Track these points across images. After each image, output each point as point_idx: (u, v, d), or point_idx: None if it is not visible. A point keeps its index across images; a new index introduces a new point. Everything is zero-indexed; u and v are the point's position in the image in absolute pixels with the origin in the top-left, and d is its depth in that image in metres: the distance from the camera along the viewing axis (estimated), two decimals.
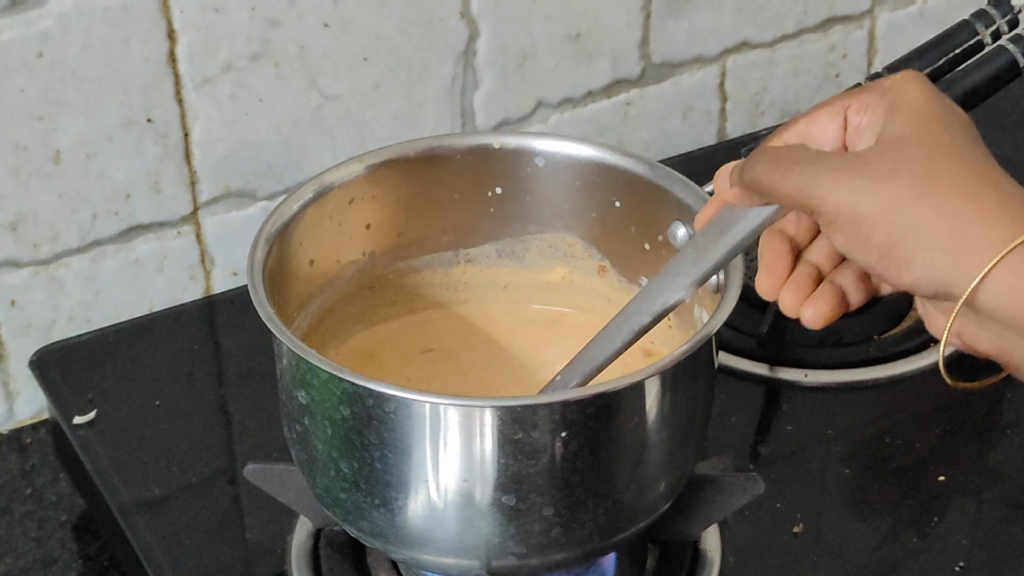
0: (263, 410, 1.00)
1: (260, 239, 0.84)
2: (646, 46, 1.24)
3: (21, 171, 1.04)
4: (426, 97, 1.16)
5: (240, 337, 1.08)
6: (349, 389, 0.77)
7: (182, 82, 1.07)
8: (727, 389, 1.03)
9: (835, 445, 1.00)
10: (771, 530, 0.93)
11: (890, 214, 0.68)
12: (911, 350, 1.07)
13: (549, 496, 0.78)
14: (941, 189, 0.68)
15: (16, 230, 1.05)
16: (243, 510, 0.96)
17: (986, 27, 1.04)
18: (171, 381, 1.05)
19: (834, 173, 0.70)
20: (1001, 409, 1.04)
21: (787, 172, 0.71)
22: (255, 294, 0.80)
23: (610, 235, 0.93)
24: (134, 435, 1.01)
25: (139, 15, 1.03)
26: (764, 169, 0.73)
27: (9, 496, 1.03)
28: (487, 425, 0.76)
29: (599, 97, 1.24)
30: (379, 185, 0.91)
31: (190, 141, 1.09)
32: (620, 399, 0.78)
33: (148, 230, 1.10)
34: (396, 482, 0.79)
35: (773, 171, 0.72)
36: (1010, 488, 0.96)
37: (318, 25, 1.09)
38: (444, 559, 0.82)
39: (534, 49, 1.19)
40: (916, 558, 0.92)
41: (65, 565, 0.99)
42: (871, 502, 0.96)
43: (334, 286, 0.92)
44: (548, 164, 0.92)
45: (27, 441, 1.09)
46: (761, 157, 0.73)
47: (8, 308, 1.08)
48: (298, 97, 1.11)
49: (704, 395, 0.83)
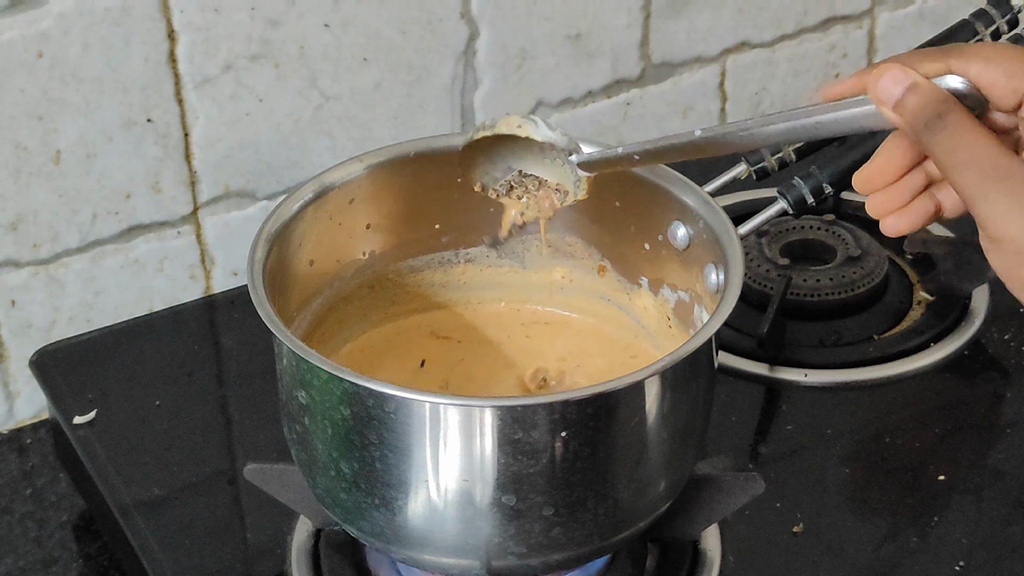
0: (263, 410, 1.00)
1: (260, 239, 0.84)
2: (646, 46, 1.24)
3: (21, 171, 1.04)
4: (426, 97, 1.16)
5: (240, 337, 1.08)
6: (349, 389, 0.77)
7: (182, 82, 1.07)
8: (727, 389, 1.03)
9: (835, 445, 1.00)
10: (771, 530, 0.93)
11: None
12: (911, 350, 1.07)
13: (549, 496, 0.78)
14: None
15: (16, 230, 1.05)
16: (243, 510, 0.96)
17: (986, 27, 1.04)
18: (171, 381, 1.05)
19: (1004, 193, 0.67)
20: (1001, 409, 1.04)
21: (967, 168, 0.68)
22: (255, 294, 0.80)
23: (610, 235, 0.93)
24: (134, 435, 1.01)
25: (139, 15, 1.03)
26: (948, 146, 0.69)
27: (9, 496, 1.03)
28: (487, 425, 0.76)
29: (599, 97, 1.24)
30: (379, 185, 0.91)
31: (190, 141, 1.09)
32: (620, 399, 0.78)
33: (148, 230, 1.10)
34: (396, 482, 0.79)
35: (955, 153, 0.69)
36: (1010, 488, 0.96)
37: (318, 25, 1.09)
38: (444, 559, 0.82)
39: (534, 49, 1.19)
40: (916, 558, 0.92)
41: (65, 565, 0.99)
42: (871, 502, 0.96)
43: (334, 286, 0.92)
44: None
45: (27, 441, 1.09)
46: (953, 130, 0.69)
47: (8, 308, 1.08)
48: (298, 97, 1.11)
49: (704, 395, 0.83)
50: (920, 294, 1.12)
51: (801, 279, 1.10)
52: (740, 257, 0.83)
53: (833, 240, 1.13)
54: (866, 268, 1.11)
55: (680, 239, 0.89)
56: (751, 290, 1.10)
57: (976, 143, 0.69)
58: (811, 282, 1.10)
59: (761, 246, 1.12)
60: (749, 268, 1.11)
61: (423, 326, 0.95)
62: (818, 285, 1.10)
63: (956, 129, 0.69)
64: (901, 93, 0.70)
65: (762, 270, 1.11)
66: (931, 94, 0.70)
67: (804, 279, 1.10)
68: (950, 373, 1.06)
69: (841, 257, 1.12)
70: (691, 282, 0.89)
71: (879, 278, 1.11)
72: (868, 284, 1.10)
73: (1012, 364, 1.06)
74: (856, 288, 1.10)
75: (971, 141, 0.69)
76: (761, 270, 1.11)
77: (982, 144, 0.69)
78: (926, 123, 0.70)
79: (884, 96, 0.70)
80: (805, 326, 1.09)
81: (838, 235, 1.13)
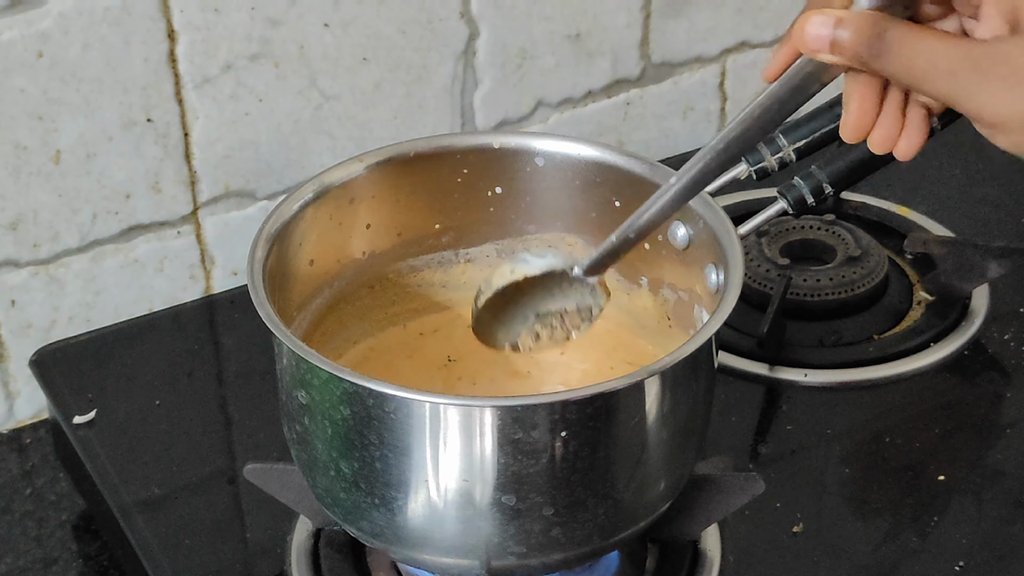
0: (263, 410, 1.00)
1: (260, 239, 0.84)
2: (646, 46, 1.24)
3: (21, 171, 1.04)
4: (426, 97, 1.16)
5: (240, 337, 1.08)
6: (349, 389, 0.77)
7: (182, 82, 1.07)
8: (727, 389, 1.03)
9: (835, 445, 1.00)
10: (771, 530, 0.93)
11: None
12: (911, 350, 1.07)
13: (549, 496, 0.78)
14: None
15: (16, 230, 1.05)
16: (243, 510, 0.96)
17: None
18: (171, 381, 1.05)
19: (986, 80, 0.65)
20: (1001, 409, 1.04)
21: (932, 74, 0.66)
22: (255, 294, 0.80)
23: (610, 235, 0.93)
24: (134, 435, 1.01)
25: (139, 15, 1.03)
26: (901, 62, 0.67)
27: (9, 496, 1.03)
28: (487, 425, 0.76)
29: (599, 97, 1.24)
30: (379, 185, 0.91)
31: (190, 141, 1.09)
32: (620, 399, 0.78)
33: (148, 230, 1.10)
34: (396, 482, 0.79)
35: (913, 66, 0.67)
36: (1010, 488, 0.96)
37: (318, 25, 1.09)
38: (444, 559, 0.82)
39: (534, 49, 1.19)
40: (916, 558, 0.92)
41: (65, 565, 0.99)
42: (871, 502, 0.96)
43: (334, 286, 0.92)
44: (548, 164, 0.92)
45: (27, 441, 1.09)
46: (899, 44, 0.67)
47: (8, 308, 1.08)
48: (298, 97, 1.11)
49: (704, 395, 0.83)
50: (920, 294, 1.12)
51: (801, 279, 1.10)
52: (740, 257, 0.83)
53: (833, 240, 1.13)
54: (866, 268, 1.11)
55: (680, 239, 0.89)
56: (751, 290, 1.10)
57: (927, 46, 0.67)
58: (811, 282, 1.10)
59: (761, 246, 1.12)
60: (749, 268, 1.11)
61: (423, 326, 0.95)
62: (818, 285, 1.10)
63: (900, 42, 0.67)
64: (831, 33, 0.68)
65: (762, 270, 1.11)
66: (860, 20, 0.67)
67: (804, 279, 1.10)
68: (950, 373, 1.06)
69: (841, 257, 1.12)
70: (691, 282, 0.89)
71: (879, 278, 1.11)
72: (868, 284, 1.10)
73: (1012, 364, 1.06)
74: (856, 288, 1.10)
75: (921, 47, 0.67)
76: (761, 270, 1.11)
77: (933, 44, 0.67)
78: (869, 50, 0.67)
79: (817, 44, 0.68)
80: (805, 326, 1.09)
81: (838, 235, 1.13)
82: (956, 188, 1.23)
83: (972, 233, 1.16)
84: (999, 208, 1.21)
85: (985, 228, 1.18)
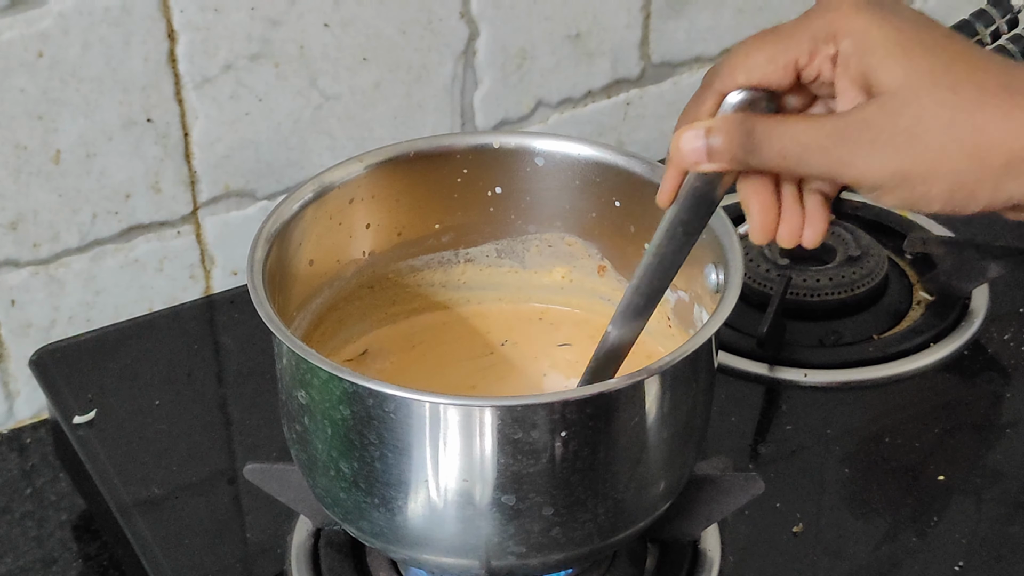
0: (263, 410, 1.00)
1: (260, 239, 0.84)
2: (646, 46, 1.24)
3: (21, 171, 1.04)
4: (426, 97, 1.16)
5: (240, 337, 1.08)
6: (349, 389, 0.77)
7: (182, 82, 1.07)
8: (727, 389, 1.03)
9: (835, 445, 1.00)
10: (771, 530, 0.93)
11: (943, 162, 0.66)
12: (911, 350, 1.07)
13: (549, 496, 0.78)
14: (983, 117, 0.66)
15: (16, 230, 1.05)
16: (243, 510, 0.96)
17: (986, 27, 1.04)
18: (171, 381, 1.05)
19: (856, 147, 0.67)
20: (1001, 409, 1.04)
21: (805, 157, 0.69)
22: (255, 294, 0.80)
23: (610, 235, 0.93)
24: (134, 435, 1.01)
25: (139, 15, 1.03)
26: (774, 153, 0.69)
27: (9, 496, 1.03)
28: (487, 425, 0.76)
29: (599, 97, 1.24)
30: (379, 185, 0.91)
31: (190, 141, 1.09)
32: (620, 399, 0.78)
33: (148, 230, 1.10)
34: (396, 482, 0.79)
35: (786, 154, 0.69)
36: (1010, 488, 0.96)
37: (318, 25, 1.09)
38: (444, 559, 0.82)
39: (534, 49, 1.19)
40: (916, 558, 0.92)
41: (65, 565, 0.99)
42: (871, 502, 0.96)
43: (334, 286, 0.92)
44: (548, 164, 0.92)
45: (27, 441, 1.09)
46: (768, 137, 0.69)
47: (8, 308, 1.08)
48: (298, 97, 1.11)
49: (704, 395, 0.83)
50: (920, 294, 1.12)
51: (801, 279, 1.10)
52: (740, 257, 0.83)
53: (833, 240, 1.13)
54: (866, 268, 1.11)
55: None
56: (751, 290, 1.10)
57: (794, 131, 0.69)
58: (811, 282, 1.10)
59: (761, 246, 1.12)
60: (749, 268, 1.11)
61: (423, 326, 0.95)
62: (818, 285, 1.10)
63: (769, 134, 0.70)
64: (704, 143, 0.71)
65: (762, 270, 1.11)
66: (727, 123, 0.70)
67: (804, 279, 1.10)
68: (950, 373, 1.06)
69: (841, 257, 1.12)
70: (691, 282, 0.89)
71: (879, 278, 1.11)
72: (868, 284, 1.10)
73: (1012, 364, 1.06)
74: (856, 288, 1.10)
75: (789, 133, 0.69)
76: (761, 270, 1.11)
77: (799, 128, 0.69)
78: (743, 149, 0.70)
79: (694, 157, 0.71)
80: (805, 326, 1.09)
81: (838, 235, 1.13)
82: None
83: (972, 233, 1.16)
84: None
85: (985, 228, 1.18)
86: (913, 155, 0.67)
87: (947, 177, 0.67)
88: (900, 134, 0.67)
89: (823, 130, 0.69)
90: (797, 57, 0.70)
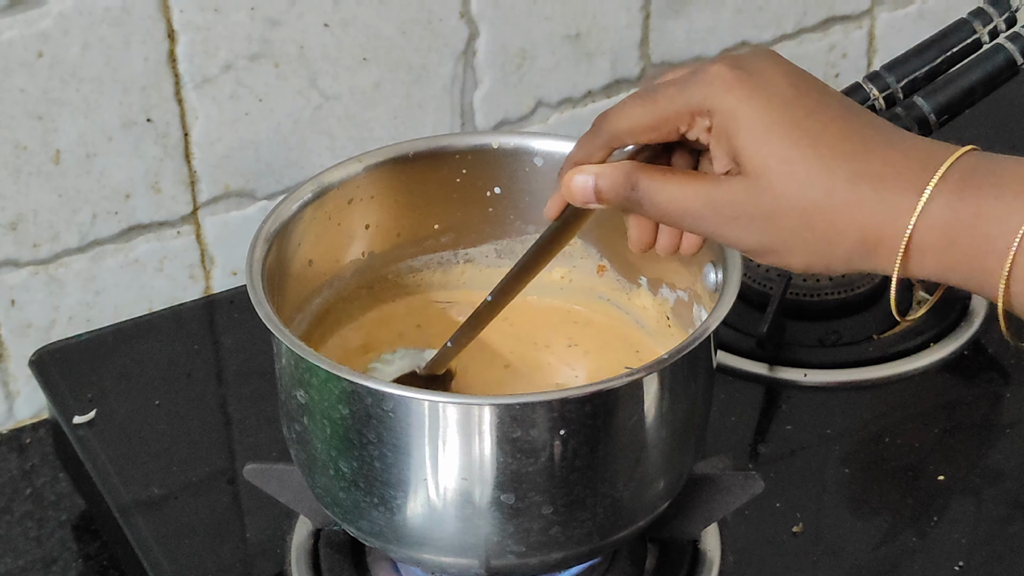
0: (263, 410, 1.00)
1: (259, 239, 0.84)
2: (646, 46, 1.24)
3: (21, 171, 1.04)
4: (426, 97, 1.16)
5: (240, 337, 1.08)
6: (348, 388, 0.77)
7: (182, 82, 1.07)
8: (726, 388, 1.03)
9: (835, 445, 1.00)
10: (771, 530, 0.93)
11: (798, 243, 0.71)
12: (911, 350, 1.07)
13: (548, 495, 0.78)
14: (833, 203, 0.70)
15: (16, 230, 1.06)
16: (243, 510, 0.96)
17: (984, 25, 1.04)
18: (171, 381, 1.05)
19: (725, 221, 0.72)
20: (1001, 409, 1.04)
21: (685, 219, 0.74)
22: (254, 294, 0.80)
23: (609, 235, 0.93)
24: (134, 435, 1.01)
25: (139, 15, 1.03)
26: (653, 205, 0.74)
27: (9, 496, 1.03)
28: (486, 423, 0.76)
29: (599, 97, 1.24)
30: (379, 185, 0.91)
31: (190, 141, 1.09)
32: (619, 397, 0.78)
33: (148, 230, 1.10)
34: (395, 481, 0.79)
35: (664, 210, 0.74)
36: (1010, 488, 0.96)
37: (318, 25, 1.09)
38: (443, 558, 0.82)
39: (534, 49, 1.19)
40: (916, 558, 0.92)
41: (65, 565, 0.99)
42: (871, 502, 0.96)
43: (333, 286, 0.92)
44: (547, 164, 0.92)
45: (27, 441, 1.09)
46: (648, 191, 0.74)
47: (8, 308, 1.08)
48: (298, 97, 1.11)
49: (703, 394, 0.83)
50: (920, 294, 1.12)
51: (801, 279, 1.10)
52: (739, 256, 0.83)
53: None
54: None
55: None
56: (751, 290, 1.10)
57: (673, 195, 0.74)
58: (811, 282, 1.10)
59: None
60: (748, 268, 1.11)
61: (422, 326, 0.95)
62: (818, 285, 1.10)
63: (651, 192, 0.75)
64: (592, 185, 0.76)
65: (761, 270, 1.11)
66: (614, 174, 0.76)
67: (804, 279, 1.10)
68: (950, 373, 1.06)
69: None
70: (690, 281, 0.89)
71: (879, 278, 1.11)
72: (868, 284, 1.10)
73: (1012, 364, 1.06)
74: (856, 288, 1.10)
75: (669, 196, 0.74)
76: (760, 270, 1.11)
77: (678, 193, 0.74)
78: (627, 201, 0.76)
79: (584, 196, 0.77)
80: (805, 326, 1.09)
81: None
82: None
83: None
84: None
85: None
86: (773, 234, 0.72)
87: (804, 254, 0.72)
88: (760, 217, 0.71)
89: (698, 200, 0.73)
90: (678, 125, 0.74)
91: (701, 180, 0.74)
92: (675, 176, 0.75)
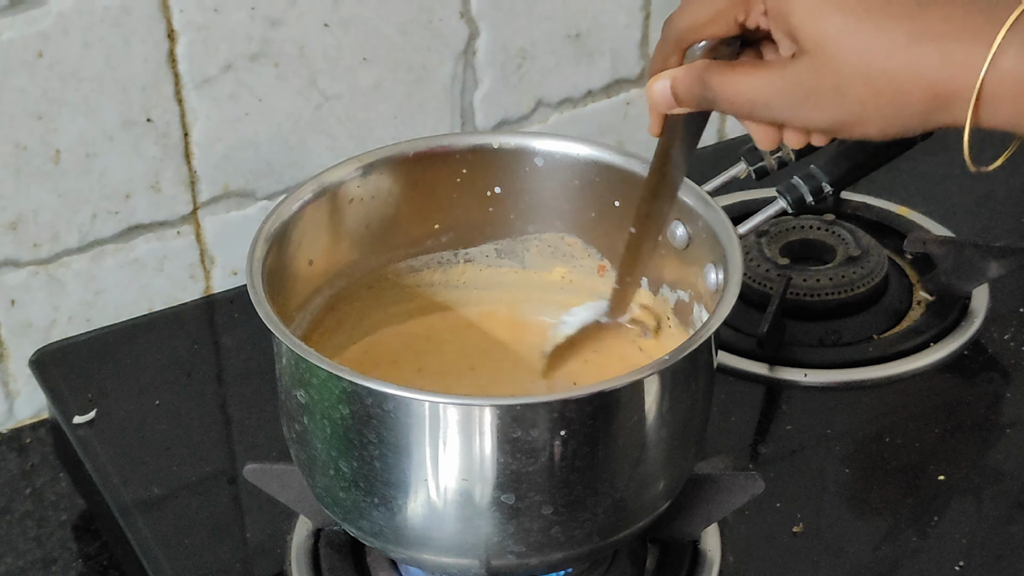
0: (263, 410, 1.00)
1: (259, 239, 0.84)
2: (646, 46, 1.24)
3: (21, 171, 1.04)
4: (426, 97, 1.16)
5: (240, 337, 1.08)
6: (348, 388, 0.77)
7: (182, 82, 1.07)
8: (727, 389, 1.03)
9: (835, 445, 1.00)
10: (771, 530, 0.93)
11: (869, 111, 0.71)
12: (911, 350, 1.07)
13: (548, 495, 0.78)
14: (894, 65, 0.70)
15: (16, 230, 1.06)
16: (243, 510, 0.96)
17: None
18: (171, 381, 1.05)
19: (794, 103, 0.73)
20: (1001, 409, 1.04)
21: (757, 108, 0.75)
22: (254, 294, 0.80)
23: (610, 235, 0.93)
24: (134, 435, 1.01)
25: (139, 15, 1.03)
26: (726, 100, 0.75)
27: (9, 496, 1.03)
28: (486, 424, 0.76)
29: (599, 97, 1.24)
30: (379, 185, 0.91)
31: (190, 141, 1.09)
32: (619, 398, 0.78)
33: (148, 230, 1.10)
34: (395, 481, 0.79)
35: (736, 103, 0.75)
36: (1010, 488, 0.96)
37: (318, 25, 1.09)
38: (443, 558, 0.82)
39: (534, 49, 1.19)
40: (916, 558, 0.92)
41: (65, 565, 0.99)
42: (871, 502, 0.96)
43: (333, 286, 0.92)
44: (547, 164, 0.92)
45: (27, 441, 1.09)
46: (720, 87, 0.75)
47: (8, 308, 1.08)
48: (298, 97, 1.11)
49: (703, 394, 0.83)
50: (920, 294, 1.12)
51: (801, 279, 1.10)
52: (739, 257, 0.83)
53: (833, 240, 1.13)
54: (866, 268, 1.11)
55: (679, 238, 0.89)
56: (751, 290, 1.10)
57: (742, 87, 0.75)
58: (811, 282, 1.10)
59: (761, 246, 1.12)
60: (749, 268, 1.11)
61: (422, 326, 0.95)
62: (818, 285, 1.10)
63: (721, 88, 0.76)
64: (670, 91, 0.78)
65: (762, 270, 1.11)
66: (686, 74, 0.77)
67: (804, 279, 1.10)
68: (950, 373, 1.06)
69: (841, 257, 1.12)
70: (691, 281, 0.89)
71: (879, 278, 1.11)
72: (868, 284, 1.10)
73: (1012, 364, 1.06)
74: (856, 288, 1.10)
75: (738, 89, 0.75)
76: (761, 270, 1.11)
77: (747, 84, 0.75)
78: (702, 99, 0.77)
79: (666, 102, 0.79)
80: (805, 326, 1.09)
81: (838, 235, 1.13)
82: (956, 188, 1.23)
83: (972, 233, 1.16)
84: (999, 208, 1.20)
85: (985, 228, 1.18)
86: (843, 108, 0.72)
87: (877, 121, 0.72)
88: (826, 92, 0.72)
89: (767, 88, 0.74)
90: (735, 14, 0.75)
91: (766, 67, 0.75)
92: (741, 68, 0.76)
